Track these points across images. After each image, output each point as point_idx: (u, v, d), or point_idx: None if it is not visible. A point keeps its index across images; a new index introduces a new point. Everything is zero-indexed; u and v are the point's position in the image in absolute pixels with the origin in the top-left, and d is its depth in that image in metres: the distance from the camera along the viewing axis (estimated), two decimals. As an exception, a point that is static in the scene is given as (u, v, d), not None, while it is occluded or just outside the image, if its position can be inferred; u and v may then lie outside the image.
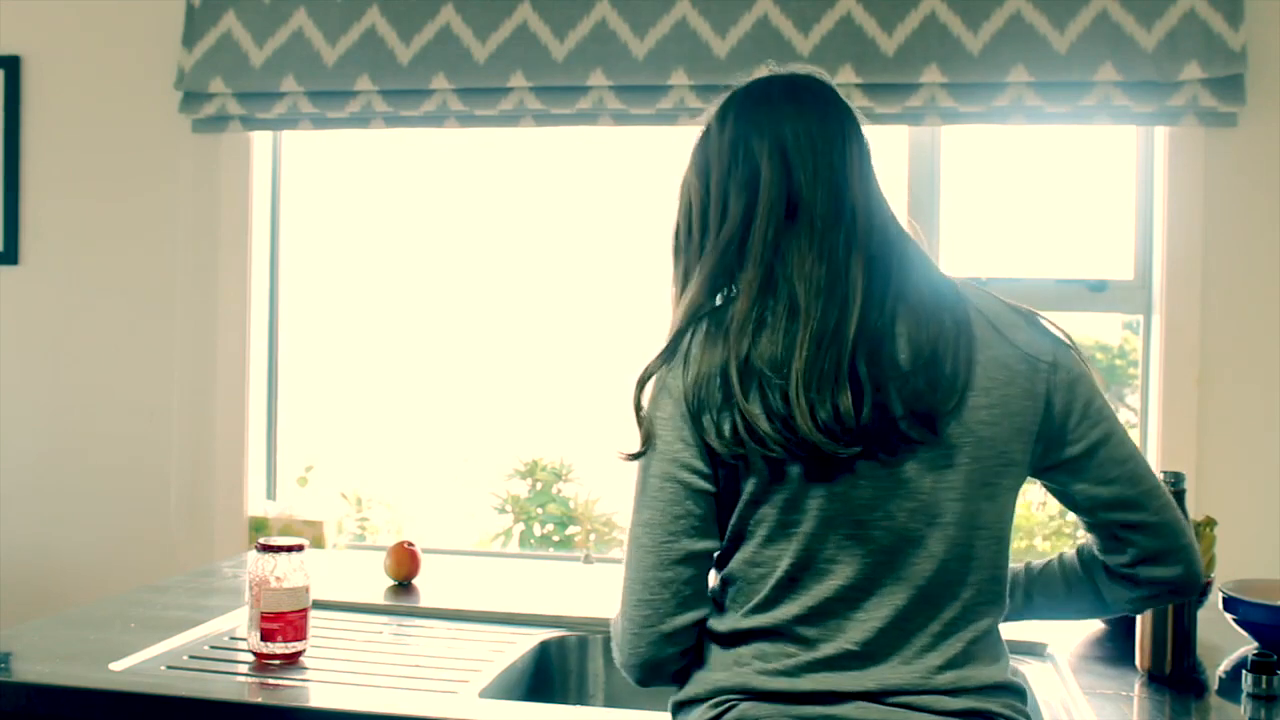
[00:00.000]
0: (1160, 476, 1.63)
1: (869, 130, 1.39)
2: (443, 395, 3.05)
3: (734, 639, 1.28)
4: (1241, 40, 2.23)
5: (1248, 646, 1.73)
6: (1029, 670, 1.72)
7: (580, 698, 1.89)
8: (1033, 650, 1.79)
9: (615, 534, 2.91)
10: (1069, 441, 1.30)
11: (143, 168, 2.74)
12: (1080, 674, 1.67)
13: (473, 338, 2.98)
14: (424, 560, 2.17)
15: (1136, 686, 1.62)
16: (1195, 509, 1.72)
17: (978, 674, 1.25)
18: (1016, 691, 1.28)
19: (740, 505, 1.27)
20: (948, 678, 1.23)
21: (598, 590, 2.09)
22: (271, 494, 2.76)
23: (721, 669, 1.27)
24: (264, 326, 2.75)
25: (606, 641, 1.89)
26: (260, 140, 2.72)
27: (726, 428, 1.23)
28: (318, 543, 2.57)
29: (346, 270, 2.97)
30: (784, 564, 1.25)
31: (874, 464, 1.23)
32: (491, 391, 3.00)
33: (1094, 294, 2.43)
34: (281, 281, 2.79)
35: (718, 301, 1.30)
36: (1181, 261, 2.34)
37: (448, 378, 3.03)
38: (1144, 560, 1.35)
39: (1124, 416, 2.81)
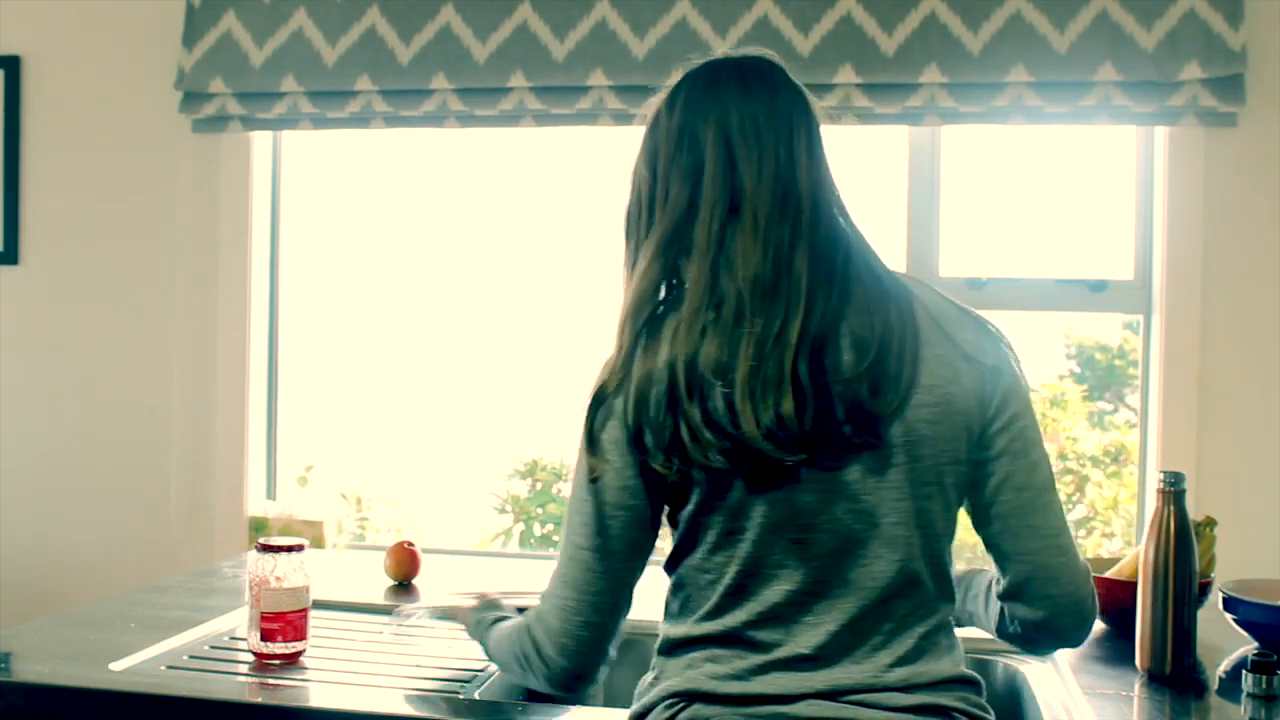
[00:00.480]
0: (1160, 476, 1.64)
1: (873, 129, 1.37)
2: (442, 395, 3.05)
3: (686, 645, 1.28)
4: (1241, 40, 2.23)
5: (1248, 646, 1.73)
6: (1029, 670, 1.72)
7: (580, 698, 1.89)
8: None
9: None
10: (981, 448, 1.28)
11: (143, 168, 2.74)
12: (1080, 674, 1.67)
13: (473, 338, 2.98)
14: (424, 560, 2.17)
15: (1136, 686, 1.62)
16: (1195, 509, 1.71)
17: (930, 669, 1.24)
18: (971, 684, 1.27)
19: (686, 514, 1.27)
20: (899, 674, 1.23)
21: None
22: (271, 494, 2.76)
23: (674, 674, 1.28)
24: (264, 326, 2.75)
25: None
26: (260, 140, 2.72)
27: (666, 439, 1.22)
28: (318, 543, 2.57)
29: (346, 271, 2.97)
30: (731, 571, 1.25)
31: (816, 469, 1.22)
32: (491, 392, 3.00)
33: (1094, 294, 2.43)
34: (281, 281, 2.79)
35: (662, 294, 1.29)
36: (1181, 261, 2.34)
37: (447, 378, 3.03)
38: (1009, 593, 1.33)
39: (1123, 416, 2.82)
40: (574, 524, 1.31)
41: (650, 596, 1.39)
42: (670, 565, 1.32)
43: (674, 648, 1.30)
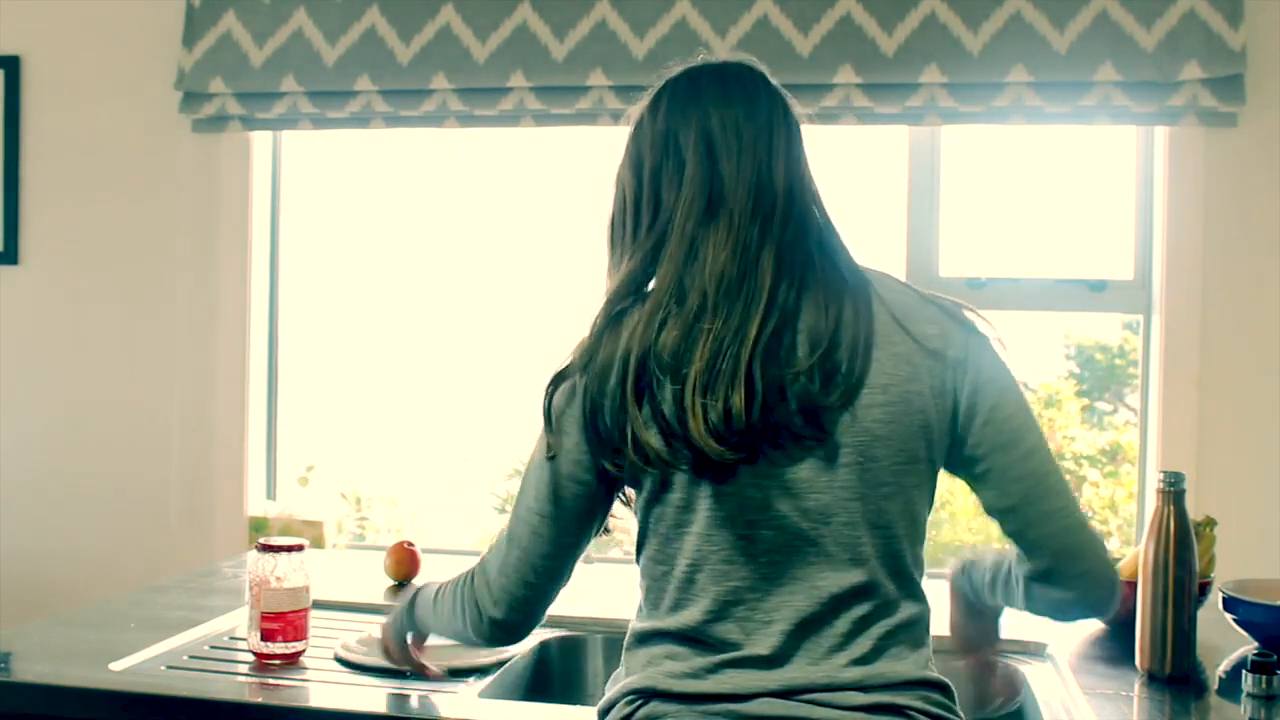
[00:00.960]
0: (1160, 476, 1.64)
1: (873, 129, 1.37)
2: (442, 395, 3.05)
3: (647, 639, 1.30)
4: (1241, 40, 2.23)
5: (1248, 646, 1.74)
6: (1029, 670, 1.72)
7: (580, 698, 1.89)
8: (1033, 650, 1.79)
9: (614, 534, 2.90)
10: (968, 444, 1.28)
11: (143, 168, 2.74)
12: (1080, 674, 1.67)
13: (473, 337, 2.98)
14: (424, 560, 2.17)
15: (1136, 686, 1.62)
16: (1195, 509, 1.71)
17: (889, 670, 1.23)
18: (936, 686, 1.26)
19: (641, 504, 1.30)
20: (855, 674, 1.22)
21: (597, 590, 2.09)
22: (271, 494, 2.76)
23: (635, 669, 1.29)
24: (264, 326, 2.75)
25: (606, 641, 1.89)
26: (260, 140, 2.72)
27: (615, 433, 1.25)
28: (318, 543, 2.57)
29: (346, 270, 2.97)
30: (681, 565, 1.27)
31: (764, 464, 1.23)
32: (491, 391, 3.00)
33: (1094, 294, 2.43)
34: (281, 281, 2.79)
35: (645, 291, 1.31)
36: (1181, 261, 2.34)
37: (447, 378, 3.03)
38: (1038, 576, 1.33)
39: (1123, 416, 2.82)
40: (527, 487, 1.34)
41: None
42: (636, 555, 1.35)
43: (637, 642, 1.31)
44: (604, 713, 1.31)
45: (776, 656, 1.23)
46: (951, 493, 2.68)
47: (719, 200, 1.27)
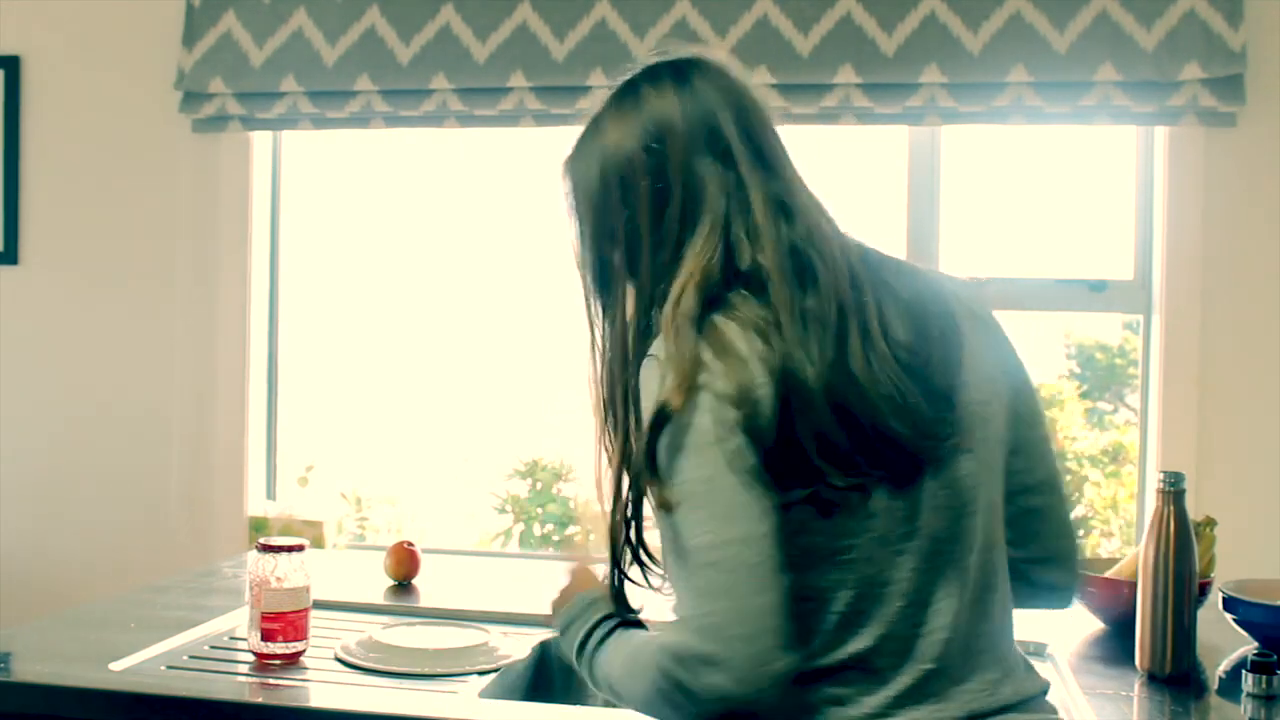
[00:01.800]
0: (1160, 476, 1.64)
1: (873, 129, 1.36)
2: (443, 395, 3.05)
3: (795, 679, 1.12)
4: (1241, 40, 2.23)
5: (1248, 646, 1.73)
6: (1029, 670, 1.72)
7: (580, 698, 1.89)
8: (1033, 650, 1.79)
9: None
10: (1018, 436, 1.25)
11: (143, 168, 2.74)
12: (1080, 674, 1.67)
13: (473, 337, 2.98)
14: (424, 560, 2.17)
15: (1136, 686, 1.62)
16: (1195, 509, 1.71)
17: (1030, 684, 1.20)
18: (1046, 692, 1.24)
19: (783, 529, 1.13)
20: (1006, 693, 1.16)
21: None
22: (271, 494, 2.76)
23: (781, 714, 1.11)
24: (264, 327, 2.76)
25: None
26: (260, 140, 2.72)
27: (791, 456, 1.10)
28: (318, 543, 2.56)
29: (346, 270, 2.97)
30: (843, 596, 1.12)
31: (933, 466, 1.15)
32: (491, 391, 3.00)
33: (1094, 294, 2.43)
34: (281, 281, 2.79)
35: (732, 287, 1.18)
36: (1181, 261, 2.34)
37: (448, 378, 3.03)
38: (1039, 560, 1.30)
39: (1123, 416, 2.82)
40: (703, 524, 1.09)
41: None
42: None
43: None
44: None
45: (943, 669, 1.13)
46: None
47: (779, 189, 1.20)
